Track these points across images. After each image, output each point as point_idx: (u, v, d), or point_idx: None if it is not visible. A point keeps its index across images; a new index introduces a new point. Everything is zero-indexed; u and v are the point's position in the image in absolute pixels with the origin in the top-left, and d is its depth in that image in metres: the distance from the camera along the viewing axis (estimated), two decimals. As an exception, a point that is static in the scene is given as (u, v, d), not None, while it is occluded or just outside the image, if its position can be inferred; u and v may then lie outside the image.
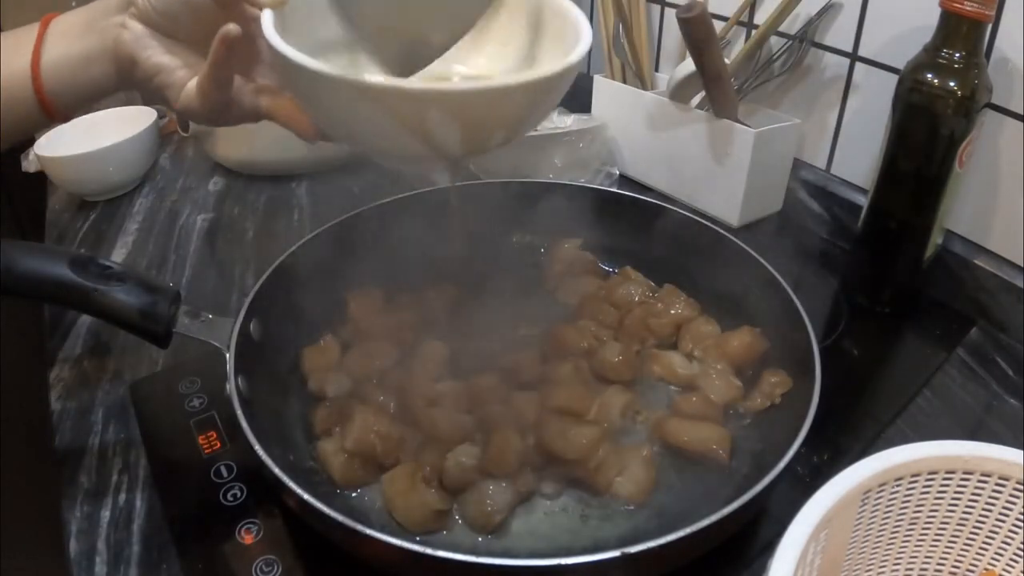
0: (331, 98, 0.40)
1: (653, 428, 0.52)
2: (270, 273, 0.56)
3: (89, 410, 0.56)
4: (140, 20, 0.47)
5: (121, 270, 0.49)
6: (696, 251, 0.63)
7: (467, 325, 0.61)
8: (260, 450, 0.41)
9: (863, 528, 0.37)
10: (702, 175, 0.80)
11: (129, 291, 0.48)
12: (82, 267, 0.47)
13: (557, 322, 0.60)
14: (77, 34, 0.48)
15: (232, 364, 0.48)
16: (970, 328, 0.65)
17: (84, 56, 0.48)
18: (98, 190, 0.87)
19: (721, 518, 0.38)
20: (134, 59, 0.47)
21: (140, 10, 0.46)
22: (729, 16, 0.85)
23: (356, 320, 0.60)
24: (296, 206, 0.85)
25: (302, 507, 0.40)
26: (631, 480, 0.47)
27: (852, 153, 0.81)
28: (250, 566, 0.43)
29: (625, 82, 0.90)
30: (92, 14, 0.48)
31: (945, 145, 0.59)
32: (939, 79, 0.58)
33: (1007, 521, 0.37)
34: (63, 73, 0.48)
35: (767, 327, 0.57)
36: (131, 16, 0.47)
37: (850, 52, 0.77)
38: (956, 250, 0.72)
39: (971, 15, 0.55)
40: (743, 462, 0.50)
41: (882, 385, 0.60)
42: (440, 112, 0.38)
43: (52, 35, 0.48)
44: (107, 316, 0.48)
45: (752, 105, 0.84)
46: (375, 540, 0.37)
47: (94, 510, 0.48)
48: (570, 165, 0.85)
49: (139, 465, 0.51)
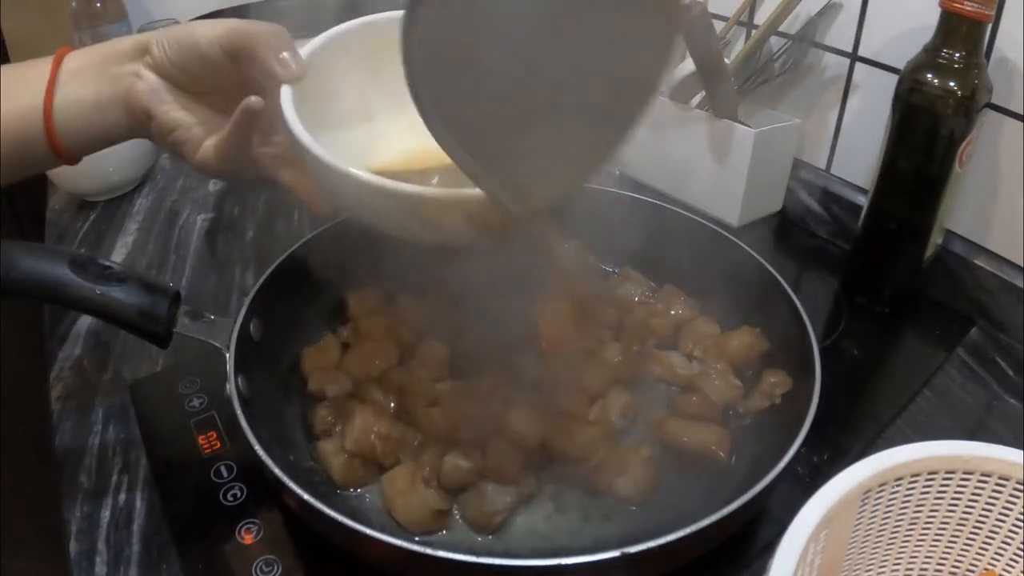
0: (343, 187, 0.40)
1: (653, 428, 0.52)
2: (270, 273, 0.56)
3: (89, 410, 0.56)
4: (155, 71, 0.46)
5: (121, 270, 0.49)
6: (696, 251, 0.63)
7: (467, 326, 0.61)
8: (260, 450, 0.41)
9: (863, 528, 0.37)
10: (702, 175, 0.80)
11: (129, 291, 0.48)
12: (82, 267, 0.47)
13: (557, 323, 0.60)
14: (91, 77, 0.47)
15: (232, 364, 0.48)
16: (970, 328, 0.65)
17: (96, 102, 0.47)
18: (98, 190, 0.87)
19: (721, 518, 0.38)
20: (149, 112, 0.46)
21: (156, 61, 0.45)
22: (729, 16, 0.85)
23: (356, 320, 0.60)
24: (296, 206, 0.85)
25: (302, 507, 0.40)
26: (631, 480, 0.47)
27: (852, 153, 0.81)
28: (250, 566, 0.43)
29: (625, 82, 0.90)
30: (104, 57, 0.47)
31: (945, 145, 0.59)
32: (939, 79, 0.58)
33: (1007, 521, 0.37)
34: (74, 116, 0.47)
35: (767, 327, 0.57)
36: (146, 66, 0.46)
37: (850, 52, 0.77)
38: (956, 250, 0.72)
39: (971, 15, 0.55)
40: (743, 462, 0.50)
41: (882, 385, 0.60)
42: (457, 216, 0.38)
43: (64, 73, 0.47)
44: (107, 316, 0.48)
45: (752, 105, 0.84)
46: (375, 540, 0.37)
47: (94, 510, 0.48)
48: (570, 165, 0.84)
49: (139, 465, 0.51)
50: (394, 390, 0.53)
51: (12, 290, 0.46)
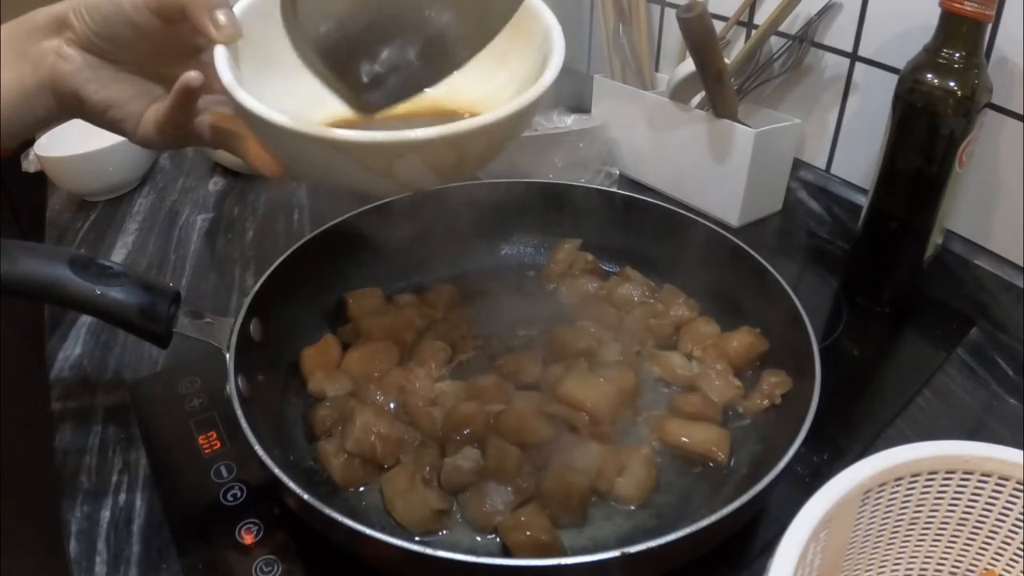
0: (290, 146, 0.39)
1: (653, 428, 0.52)
2: (270, 273, 0.56)
3: (89, 410, 0.56)
4: (78, 46, 0.42)
5: (121, 270, 0.49)
6: (696, 251, 0.63)
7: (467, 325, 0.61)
8: (260, 450, 0.41)
9: (863, 528, 0.37)
10: (702, 175, 0.80)
11: (129, 291, 0.48)
12: (82, 267, 0.47)
13: (557, 322, 0.60)
14: (10, 61, 0.42)
15: (232, 364, 0.48)
16: (970, 328, 0.65)
17: (21, 89, 0.43)
18: (98, 190, 0.87)
19: (720, 518, 0.38)
20: (78, 95, 0.43)
21: (78, 35, 0.42)
22: (729, 16, 0.85)
23: (356, 320, 0.60)
24: (296, 206, 0.85)
25: (302, 507, 0.40)
26: (632, 480, 0.47)
27: (852, 153, 0.81)
28: (250, 566, 0.43)
29: (625, 82, 0.90)
30: (19, 36, 0.43)
31: (945, 145, 0.59)
32: (939, 79, 0.58)
33: (1007, 521, 0.37)
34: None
35: (767, 327, 0.57)
36: (67, 42, 0.42)
37: (850, 52, 0.77)
38: (956, 250, 0.72)
39: (971, 15, 0.55)
40: (743, 462, 0.50)
41: (882, 385, 0.60)
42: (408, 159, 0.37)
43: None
44: (107, 316, 0.48)
45: (752, 105, 0.84)
46: (375, 540, 0.37)
47: (94, 510, 0.48)
48: (570, 165, 0.85)
49: (139, 465, 0.51)
50: (394, 390, 0.53)
51: (12, 289, 0.46)
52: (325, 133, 0.36)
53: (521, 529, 0.43)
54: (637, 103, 0.85)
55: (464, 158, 0.39)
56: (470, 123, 0.36)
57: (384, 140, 0.36)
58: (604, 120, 0.89)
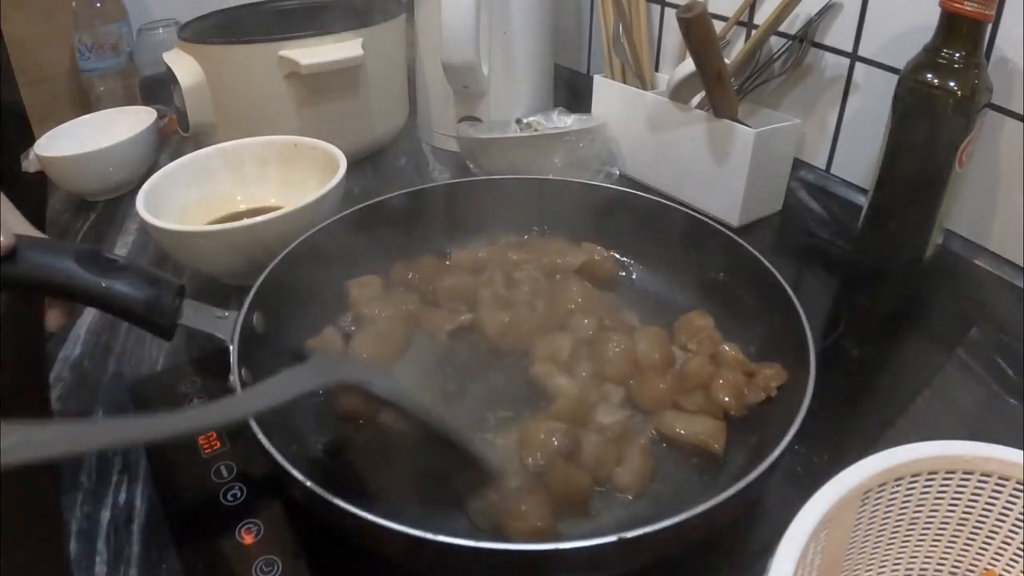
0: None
1: (649, 419, 0.52)
2: (273, 267, 0.56)
3: (89, 410, 0.56)
4: None
5: (126, 263, 0.49)
6: (696, 250, 0.63)
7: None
8: (264, 439, 0.41)
9: (863, 528, 0.37)
10: (702, 175, 0.80)
11: (134, 284, 0.48)
12: (88, 261, 0.47)
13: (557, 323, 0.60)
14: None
15: (235, 356, 0.48)
16: (970, 328, 0.64)
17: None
18: (98, 190, 0.87)
19: (717, 504, 0.38)
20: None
21: None
22: (729, 16, 0.85)
23: (357, 306, 0.60)
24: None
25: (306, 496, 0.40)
26: (630, 470, 0.47)
27: (852, 153, 0.81)
28: (250, 566, 0.43)
29: (625, 82, 0.90)
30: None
31: (945, 145, 0.59)
32: (939, 79, 0.58)
33: (1007, 521, 0.37)
34: None
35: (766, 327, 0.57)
36: None
37: (850, 52, 0.77)
38: (956, 250, 0.72)
39: (971, 15, 0.55)
40: (739, 454, 0.49)
41: (882, 385, 0.60)
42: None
43: None
44: (112, 308, 0.48)
45: (752, 105, 0.85)
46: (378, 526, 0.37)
47: (94, 510, 0.48)
48: (570, 165, 0.85)
49: (139, 465, 0.51)
50: None
51: (19, 283, 0.46)
52: None
53: (522, 518, 0.43)
54: (637, 103, 0.85)
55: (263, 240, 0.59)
56: (257, 220, 0.60)
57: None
58: (604, 120, 0.89)
